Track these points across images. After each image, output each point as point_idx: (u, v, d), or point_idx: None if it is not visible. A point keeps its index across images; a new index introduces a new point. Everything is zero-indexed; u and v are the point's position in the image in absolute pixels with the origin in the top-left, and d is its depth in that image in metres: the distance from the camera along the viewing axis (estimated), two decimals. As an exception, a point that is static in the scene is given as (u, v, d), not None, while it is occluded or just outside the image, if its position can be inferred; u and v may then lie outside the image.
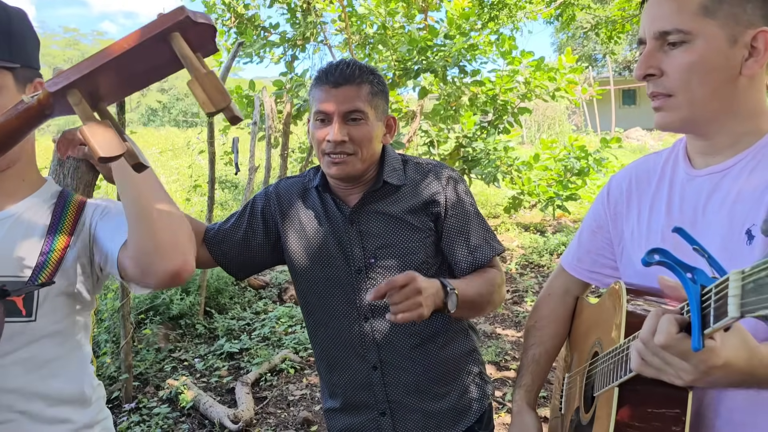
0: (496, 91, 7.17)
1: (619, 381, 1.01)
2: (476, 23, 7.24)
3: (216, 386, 4.28)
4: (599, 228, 1.36)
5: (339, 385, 1.65)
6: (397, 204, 1.58)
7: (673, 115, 1.08)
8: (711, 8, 1.02)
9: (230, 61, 5.05)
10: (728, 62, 1.03)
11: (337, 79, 1.50)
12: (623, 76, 29.00)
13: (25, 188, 1.30)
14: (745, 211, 1.03)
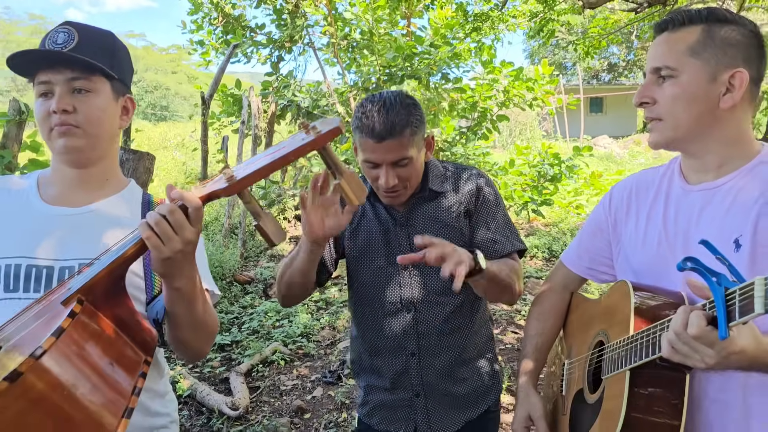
0: (476, 99, 7.45)
1: (633, 365, 1.19)
2: (457, 33, 7.50)
3: (209, 376, 4.44)
4: (600, 230, 1.57)
5: (382, 367, 1.84)
6: (439, 208, 1.77)
7: (661, 135, 1.31)
8: (696, 50, 1.24)
9: (225, 63, 5.21)
10: (708, 95, 1.24)
11: (381, 134, 1.58)
12: (591, 85, 29.72)
13: (109, 187, 1.48)
14: (734, 223, 1.22)
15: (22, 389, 0.87)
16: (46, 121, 1.36)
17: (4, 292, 1.33)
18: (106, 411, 0.96)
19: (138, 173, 1.87)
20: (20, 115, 2.85)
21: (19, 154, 2.91)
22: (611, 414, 1.25)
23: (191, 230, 1.07)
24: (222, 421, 3.72)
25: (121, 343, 1.08)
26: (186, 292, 1.20)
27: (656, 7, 4.80)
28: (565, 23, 5.79)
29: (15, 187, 1.46)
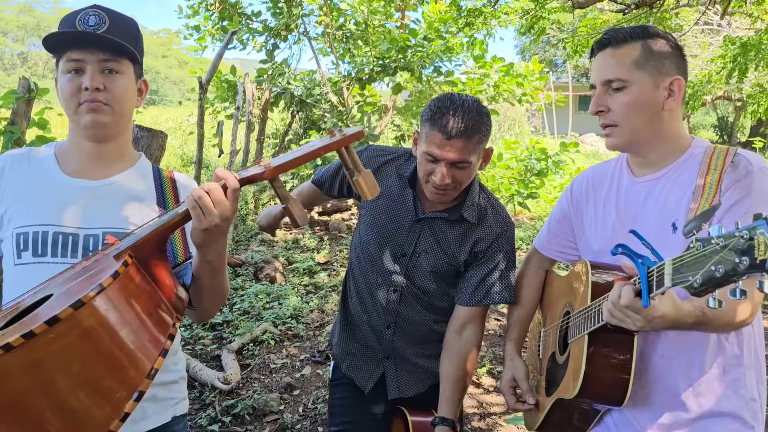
0: (467, 92, 7.61)
1: (589, 330, 1.41)
2: (450, 27, 7.63)
3: (201, 353, 4.58)
4: (564, 218, 1.78)
5: (362, 326, 2.02)
6: (456, 234, 1.86)
7: (618, 139, 1.50)
8: (641, 63, 1.44)
9: (223, 49, 5.31)
10: (654, 101, 1.44)
11: (452, 133, 1.65)
12: (581, 83, 29.94)
13: (124, 162, 1.60)
14: (671, 209, 1.44)
15: (82, 317, 0.99)
16: (75, 96, 1.45)
17: (32, 256, 1.44)
18: (146, 349, 1.08)
19: (152, 149, 2.00)
20: (29, 93, 2.96)
21: (27, 131, 3.02)
22: (574, 371, 1.46)
23: (228, 207, 1.19)
24: (214, 394, 3.86)
25: (159, 299, 1.20)
26: (215, 264, 1.32)
27: (643, 9, 4.97)
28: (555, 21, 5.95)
29: (36, 157, 1.56)
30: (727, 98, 17.49)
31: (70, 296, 1.03)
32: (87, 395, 1.00)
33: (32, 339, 0.94)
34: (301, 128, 9.57)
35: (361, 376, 2.04)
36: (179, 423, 1.63)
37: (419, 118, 1.90)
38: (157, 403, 1.55)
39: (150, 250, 1.21)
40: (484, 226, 1.87)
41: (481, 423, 3.72)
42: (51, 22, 50.50)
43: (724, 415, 1.43)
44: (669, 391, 1.46)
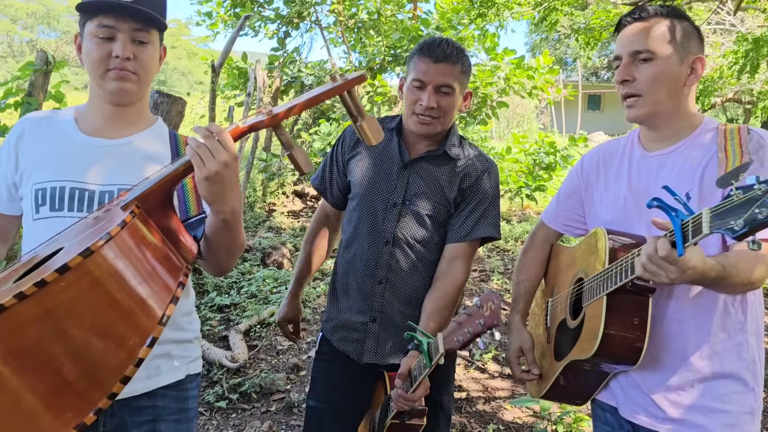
0: (477, 84, 7.60)
1: (608, 290, 1.44)
2: (462, 18, 7.63)
3: (209, 334, 4.61)
4: (573, 192, 1.82)
5: (353, 286, 2.03)
6: (443, 172, 1.96)
7: (640, 110, 1.54)
8: (668, 38, 1.50)
9: (236, 34, 5.33)
10: (678, 76, 1.50)
11: (438, 56, 1.82)
12: (590, 82, 29.89)
13: (141, 123, 1.63)
14: (684, 181, 1.49)
15: (92, 265, 1.01)
16: (104, 62, 1.47)
17: (50, 210, 1.48)
18: (157, 296, 1.10)
19: (171, 115, 2.03)
20: (47, 65, 2.99)
21: (44, 104, 3.05)
22: (591, 332, 1.49)
23: (225, 153, 1.18)
24: (221, 372, 3.90)
25: (167, 249, 1.22)
26: (229, 222, 1.31)
27: (656, 2, 4.95)
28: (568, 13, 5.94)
29: (56, 119, 1.60)
30: (737, 101, 17.42)
31: (79, 246, 1.05)
32: (101, 342, 1.02)
33: (44, 287, 0.96)
34: (310, 117, 9.60)
35: (354, 348, 2.04)
36: (193, 381, 1.66)
37: None
38: (171, 359, 1.58)
39: (156, 200, 1.22)
40: (468, 163, 1.97)
41: (486, 406, 3.74)
42: (60, 10, 50.56)
43: (727, 376, 1.49)
44: (677, 353, 1.51)
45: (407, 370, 1.77)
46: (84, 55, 1.51)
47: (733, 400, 1.49)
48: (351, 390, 2.06)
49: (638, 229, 1.56)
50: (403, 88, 1.96)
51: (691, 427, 1.50)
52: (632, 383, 1.58)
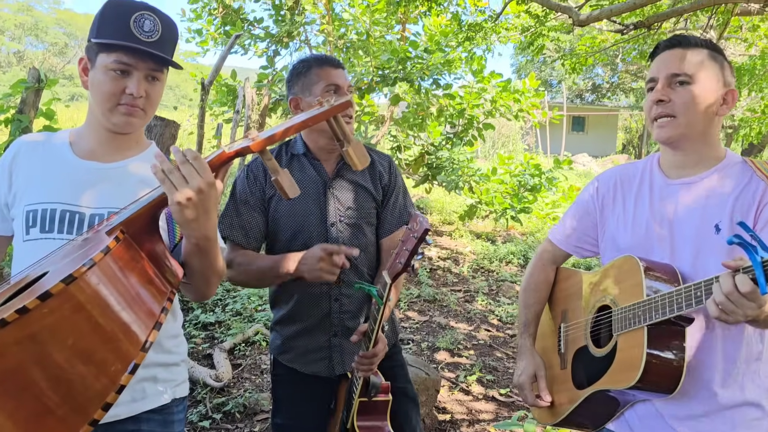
0: (464, 106, 7.70)
1: (652, 322, 1.45)
2: (450, 41, 7.75)
3: (193, 352, 4.58)
4: (587, 214, 1.81)
5: (301, 313, 2.05)
6: (361, 175, 2.07)
7: (674, 131, 1.54)
8: (706, 64, 1.53)
9: (226, 52, 5.37)
10: (713, 104, 1.53)
11: (337, 62, 2.00)
12: (575, 104, 30.30)
13: (136, 148, 1.64)
14: (713, 212, 1.51)
15: (74, 291, 1.01)
16: (115, 96, 1.47)
17: (40, 232, 1.48)
18: (140, 322, 1.10)
19: (164, 138, 2.04)
20: (39, 83, 3.00)
21: (34, 121, 3.06)
22: (629, 361, 1.50)
23: (199, 179, 1.16)
24: (205, 392, 3.87)
25: (152, 273, 1.22)
26: (202, 247, 1.30)
27: (641, 30, 5.07)
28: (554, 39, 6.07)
29: (51, 142, 1.60)
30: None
31: (62, 272, 1.06)
32: (82, 367, 1.02)
33: (25, 314, 0.96)
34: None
35: (323, 367, 2.07)
36: (179, 405, 1.65)
37: (414, 130, 2.06)
38: (157, 383, 1.57)
39: (142, 225, 1.22)
40: (375, 160, 2.12)
41: (470, 429, 3.75)
42: (49, 22, 50.38)
43: (748, 404, 1.52)
44: (704, 382, 1.52)
45: (363, 329, 1.86)
46: (94, 85, 1.50)
47: (753, 426, 1.53)
48: (315, 402, 2.12)
49: (659, 255, 1.58)
50: (298, 109, 2.00)
51: None
52: (652, 413, 1.59)
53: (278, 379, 2.17)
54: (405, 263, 1.65)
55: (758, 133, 5.59)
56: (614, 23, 5.20)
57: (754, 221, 1.47)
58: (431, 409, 3.74)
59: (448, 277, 7.13)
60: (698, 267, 1.50)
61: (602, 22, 5.38)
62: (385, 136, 9.11)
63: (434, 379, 3.74)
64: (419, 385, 3.65)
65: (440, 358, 4.83)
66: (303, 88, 1.99)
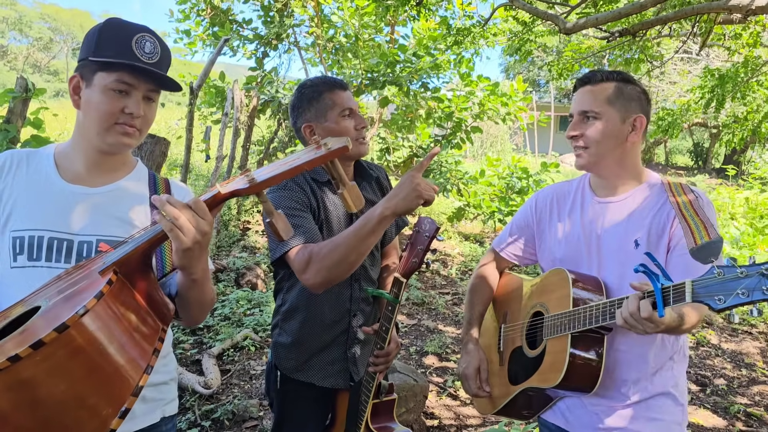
0: (453, 109, 7.74)
1: (576, 331, 1.64)
2: (439, 44, 7.78)
3: (181, 358, 4.58)
4: (527, 226, 2.01)
5: (320, 334, 2.06)
6: (372, 192, 2.16)
7: (586, 161, 1.76)
8: (612, 100, 1.72)
9: (216, 55, 5.36)
10: (620, 133, 1.73)
11: (346, 85, 2.03)
12: (563, 104, 30.46)
13: (123, 169, 1.63)
14: (633, 228, 1.71)
15: (66, 340, 1.02)
16: (114, 116, 1.47)
17: (28, 260, 1.46)
18: (133, 367, 1.11)
19: (154, 155, 2.05)
20: (26, 92, 2.99)
21: (22, 130, 3.05)
22: (555, 364, 1.68)
23: (204, 224, 1.19)
24: (194, 399, 3.88)
25: (145, 311, 1.21)
26: (199, 280, 1.34)
27: (627, 37, 5.13)
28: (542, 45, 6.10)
29: (35, 161, 1.57)
30: (703, 125, 17.93)
31: (54, 318, 1.07)
32: (74, 412, 1.03)
33: (18, 362, 0.98)
34: (286, 136, 9.63)
35: (342, 379, 2.11)
36: (168, 423, 1.66)
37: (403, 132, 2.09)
38: (146, 403, 1.58)
39: (134, 265, 1.22)
40: (380, 176, 2.22)
41: (457, 435, 3.79)
42: (33, 17, 49.84)
43: (661, 395, 1.73)
44: (620, 379, 1.73)
45: (375, 327, 1.97)
46: (90, 104, 1.48)
47: (665, 412, 1.73)
48: (319, 415, 2.17)
49: (587, 267, 1.78)
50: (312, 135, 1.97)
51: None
52: (579, 404, 1.79)
53: (287, 396, 2.14)
54: (420, 261, 1.81)
55: (740, 139, 5.70)
56: (601, 30, 5.25)
57: (668, 239, 1.66)
58: (419, 415, 3.78)
59: (437, 279, 7.18)
60: (623, 278, 1.68)
61: (589, 29, 5.43)
62: (374, 138, 9.13)
63: (422, 386, 3.78)
64: (407, 391, 3.68)
65: (428, 362, 4.87)
66: (317, 114, 1.97)
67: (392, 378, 3.75)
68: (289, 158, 1.21)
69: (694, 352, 5.60)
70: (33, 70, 48.48)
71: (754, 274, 1.19)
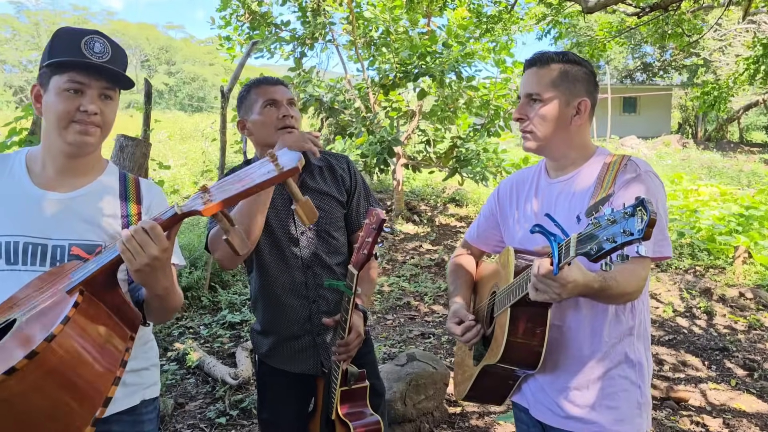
0: (490, 97, 7.66)
1: (511, 303, 1.63)
2: (475, 32, 7.71)
3: (218, 351, 4.79)
4: (491, 215, 2.04)
5: (283, 321, 2.16)
6: (324, 183, 2.19)
7: (531, 144, 1.78)
8: (556, 83, 1.71)
9: (245, 59, 5.53)
10: (563, 116, 1.72)
11: (273, 80, 2.13)
12: (624, 84, 29.37)
13: (93, 172, 1.69)
14: (576, 205, 1.70)
15: (37, 364, 1.14)
16: (69, 114, 1.52)
17: (6, 264, 1.53)
18: (102, 379, 1.22)
19: (136, 157, 2.18)
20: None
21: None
22: (497, 340, 1.68)
23: (155, 247, 1.25)
24: (224, 389, 4.06)
25: (113, 324, 1.31)
26: (162, 296, 1.44)
27: (659, 12, 4.95)
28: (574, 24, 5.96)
29: (7, 167, 1.64)
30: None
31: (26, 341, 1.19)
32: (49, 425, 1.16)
33: None
34: (331, 134, 9.78)
35: (311, 365, 2.19)
36: (149, 406, 1.75)
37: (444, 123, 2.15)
38: (126, 387, 1.66)
39: (100, 282, 1.31)
40: (335, 165, 2.25)
41: (479, 421, 3.80)
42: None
43: (615, 377, 1.70)
44: (574, 357, 1.71)
45: (336, 319, 2.02)
46: (48, 108, 1.55)
47: (622, 398, 1.70)
48: (298, 398, 2.26)
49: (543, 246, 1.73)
50: (244, 129, 2.16)
51: (588, 423, 1.70)
52: (539, 386, 1.78)
53: (264, 379, 2.30)
54: (368, 253, 1.83)
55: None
56: (630, 6, 5.09)
57: None
58: (441, 402, 3.81)
59: (477, 269, 7.15)
60: None
61: (618, 5, 5.27)
62: (415, 131, 9.15)
63: (442, 373, 3.81)
64: (426, 379, 3.72)
65: (459, 351, 4.88)
66: (246, 110, 2.15)
67: (411, 366, 3.80)
68: (244, 175, 1.23)
69: (745, 336, 5.36)
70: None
71: (620, 219, 1.17)
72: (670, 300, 6.25)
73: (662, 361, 4.83)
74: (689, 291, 6.44)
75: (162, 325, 5.08)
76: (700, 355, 4.99)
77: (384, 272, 7.21)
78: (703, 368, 4.76)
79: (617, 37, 6.12)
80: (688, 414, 3.97)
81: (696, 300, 6.22)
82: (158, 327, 5.01)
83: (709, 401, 4.17)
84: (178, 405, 3.95)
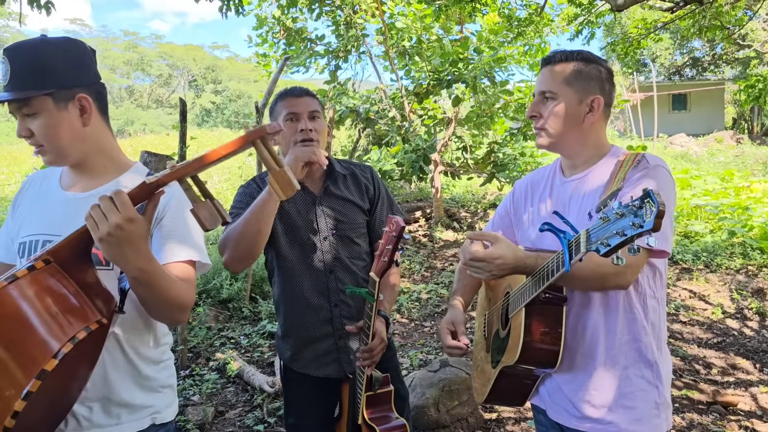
0: (525, 100, 7.59)
1: (524, 303, 1.62)
2: (509, 36, 7.67)
3: (258, 360, 4.89)
4: (506, 215, 2.04)
5: (305, 324, 2.19)
6: (346, 189, 2.24)
7: (544, 141, 1.78)
8: (569, 80, 1.71)
9: (278, 74, 5.66)
10: (577, 113, 1.71)
11: (299, 92, 2.16)
12: (673, 81, 28.53)
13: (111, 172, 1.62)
14: (588, 202, 1.69)
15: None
16: (25, 139, 1.53)
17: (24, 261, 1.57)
18: (39, 348, 1.15)
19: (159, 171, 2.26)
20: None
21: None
22: (515, 341, 1.66)
23: (118, 215, 1.21)
24: (263, 397, 4.14)
25: (79, 300, 1.26)
26: (141, 279, 1.32)
27: (693, 5, 4.83)
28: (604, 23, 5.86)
29: (49, 175, 1.70)
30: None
31: None
32: None
33: None
34: (369, 144, 9.88)
35: (334, 369, 2.22)
36: (159, 430, 1.63)
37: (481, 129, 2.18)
38: (134, 411, 1.58)
39: (68, 255, 1.28)
40: (359, 174, 2.29)
41: (515, 427, 3.76)
42: (153, 56, 54.33)
43: (632, 376, 1.68)
44: (590, 356, 1.70)
45: (359, 325, 2.05)
46: None
47: (639, 397, 1.67)
48: (324, 402, 2.29)
49: (555, 245, 1.67)
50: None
51: (605, 424, 1.68)
52: (556, 387, 1.76)
53: (290, 384, 2.33)
54: (389, 260, 1.85)
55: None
56: (662, 1, 4.99)
57: None
58: (476, 408, 3.79)
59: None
60: None
61: (649, 1, 5.17)
62: (452, 138, 9.14)
63: (477, 380, 3.79)
64: (459, 384, 3.71)
65: (497, 357, 4.84)
66: (274, 120, 2.18)
67: (443, 372, 3.79)
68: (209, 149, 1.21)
69: (800, 336, 5.13)
70: (156, 105, 52.86)
71: (628, 212, 1.16)
72: (720, 301, 6.03)
73: (710, 365, 4.67)
74: (740, 291, 6.21)
75: (204, 336, 5.22)
76: (752, 357, 4.81)
77: (422, 279, 7.21)
78: (754, 371, 4.58)
79: (651, 33, 5.98)
80: (736, 419, 3.83)
81: (747, 301, 5.99)
82: (200, 338, 5.15)
83: (760, 405, 4.01)
84: (219, 413, 4.05)
